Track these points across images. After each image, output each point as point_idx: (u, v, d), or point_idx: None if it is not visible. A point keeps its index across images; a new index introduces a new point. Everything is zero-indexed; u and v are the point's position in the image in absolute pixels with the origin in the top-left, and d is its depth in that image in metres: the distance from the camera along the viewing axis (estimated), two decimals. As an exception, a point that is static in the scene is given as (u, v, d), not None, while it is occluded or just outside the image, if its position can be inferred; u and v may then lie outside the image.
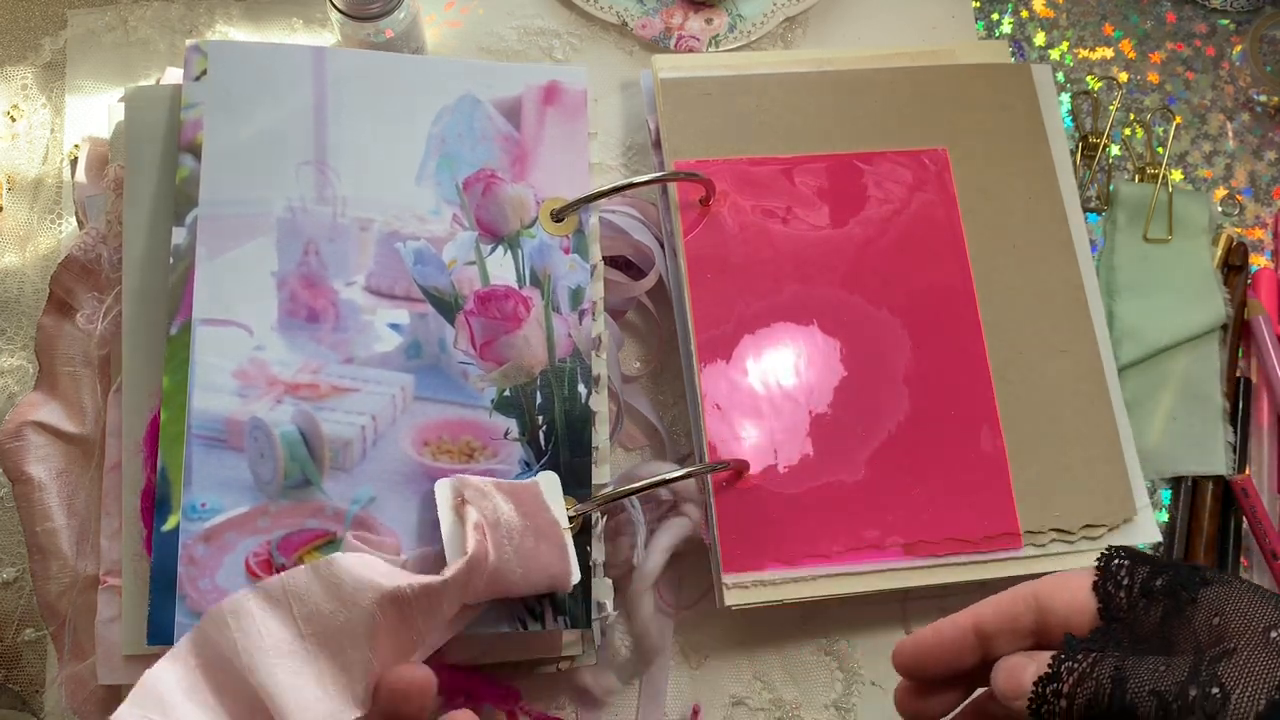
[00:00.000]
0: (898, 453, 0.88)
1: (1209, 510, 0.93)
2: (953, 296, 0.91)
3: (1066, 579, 0.68)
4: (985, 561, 0.87)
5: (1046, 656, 0.65)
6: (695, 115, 0.93)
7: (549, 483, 0.81)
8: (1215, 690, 0.61)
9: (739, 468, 0.85)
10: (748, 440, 0.86)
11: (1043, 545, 0.87)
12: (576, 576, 0.79)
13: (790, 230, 0.91)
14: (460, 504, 0.77)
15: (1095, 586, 0.67)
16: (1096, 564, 0.68)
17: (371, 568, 0.72)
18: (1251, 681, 0.61)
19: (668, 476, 0.83)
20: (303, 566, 0.72)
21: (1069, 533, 0.87)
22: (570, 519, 0.80)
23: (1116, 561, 0.68)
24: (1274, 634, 0.63)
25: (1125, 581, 0.67)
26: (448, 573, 0.72)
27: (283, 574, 0.72)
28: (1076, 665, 0.64)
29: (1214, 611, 0.64)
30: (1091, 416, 0.91)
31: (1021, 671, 0.66)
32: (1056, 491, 0.88)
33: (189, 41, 0.85)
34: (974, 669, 0.68)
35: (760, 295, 0.90)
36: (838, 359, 0.89)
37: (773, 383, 0.88)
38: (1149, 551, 0.70)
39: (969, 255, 0.92)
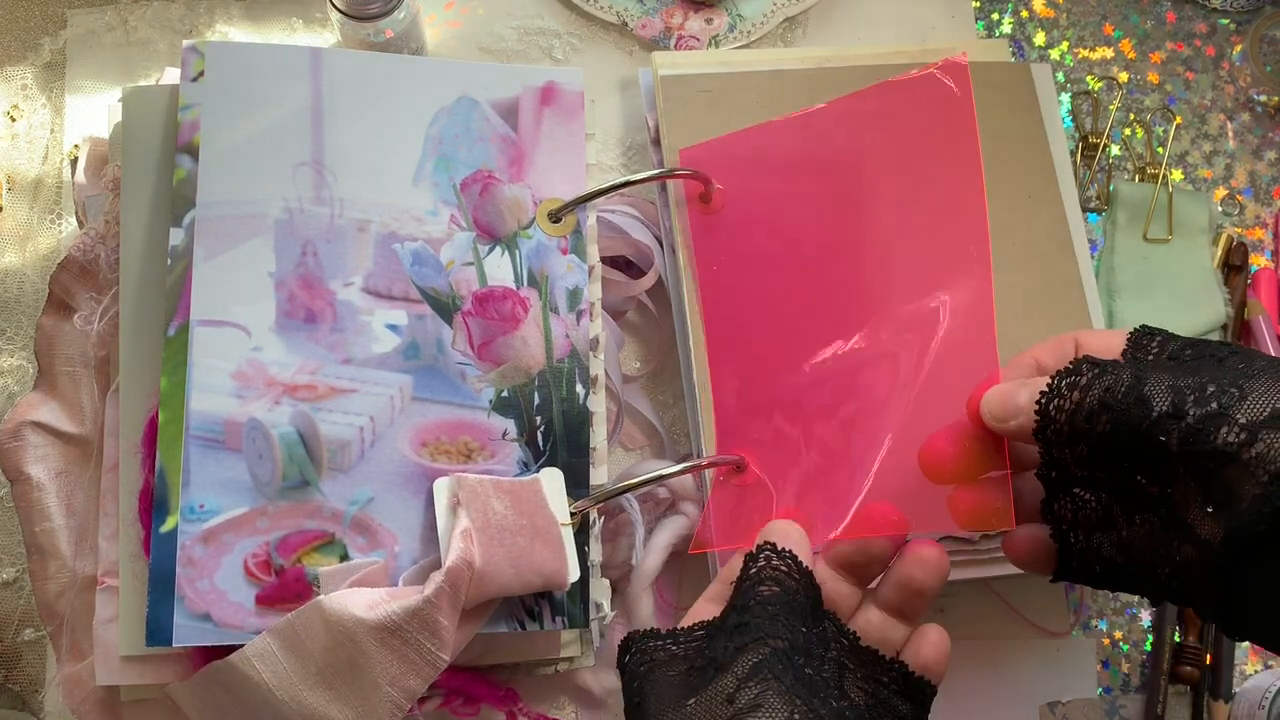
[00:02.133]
0: (904, 453, 0.88)
1: (1209, 510, 0.93)
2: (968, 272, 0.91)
3: (1105, 334, 0.71)
4: (986, 561, 0.87)
5: (1040, 381, 0.67)
6: (695, 113, 0.93)
7: (551, 479, 0.81)
8: (1234, 389, 0.61)
9: (737, 464, 0.85)
10: (746, 438, 0.86)
11: (1042, 545, 0.87)
12: (574, 575, 0.79)
13: (792, 218, 0.91)
14: (456, 504, 0.78)
15: (1124, 353, 0.68)
16: (1128, 335, 0.69)
17: (351, 603, 0.74)
18: (1270, 388, 0.61)
19: (664, 472, 0.83)
20: (305, 604, 0.75)
21: (1069, 532, 0.87)
22: (570, 517, 0.80)
23: (1148, 336, 0.69)
24: None
25: (1155, 350, 0.68)
26: (427, 590, 0.74)
27: (290, 614, 0.75)
28: (1095, 367, 0.65)
29: (1242, 362, 0.64)
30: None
31: (1014, 395, 0.68)
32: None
33: (186, 42, 0.85)
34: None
35: (764, 289, 0.89)
36: (844, 355, 0.89)
37: (774, 379, 0.88)
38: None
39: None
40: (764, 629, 0.64)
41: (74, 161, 0.94)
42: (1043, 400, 0.65)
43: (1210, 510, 0.62)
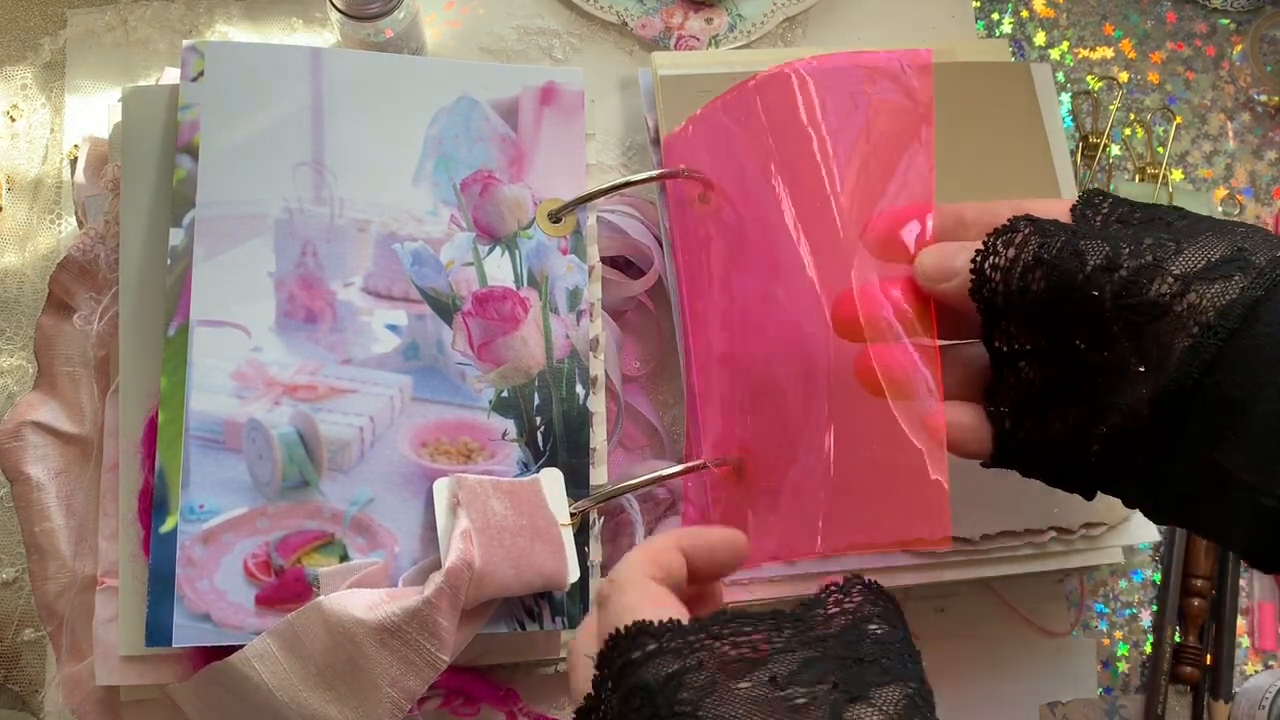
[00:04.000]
0: (899, 448, 0.88)
1: (1209, 510, 0.93)
2: None
3: (1049, 201, 0.69)
4: (986, 561, 0.87)
5: (979, 244, 0.66)
6: (694, 113, 0.93)
7: (551, 480, 0.81)
8: (1170, 243, 0.60)
9: (736, 464, 0.85)
10: (746, 437, 0.86)
11: (1042, 544, 0.87)
12: (574, 575, 0.79)
13: (769, 204, 0.91)
14: (456, 505, 0.78)
15: (1073, 209, 0.67)
16: (1078, 195, 0.68)
17: (350, 604, 0.74)
18: (1208, 242, 0.60)
19: (665, 473, 0.83)
20: (305, 605, 0.75)
21: (1069, 531, 0.87)
22: (570, 517, 0.80)
23: (1100, 197, 0.68)
24: (1240, 228, 0.62)
25: (1105, 210, 0.67)
26: (427, 591, 0.74)
27: (290, 615, 0.75)
28: (1032, 224, 0.64)
29: (1187, 224, 0.63)
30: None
31: (952, 256, 0.67)
32: (1056, 490, 0.88)
33: (186, 42, 0.85)
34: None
35: (758, 288, 0.89)
36: (838, 354, 0.89)
37: (772, 378, 0.88)
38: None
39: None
40: (897, 671, 0.58)
41: (73, 161, 0.94)
42: (978, 258, 0.65)
43: (1142, 369, 0.61)
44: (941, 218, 0.72)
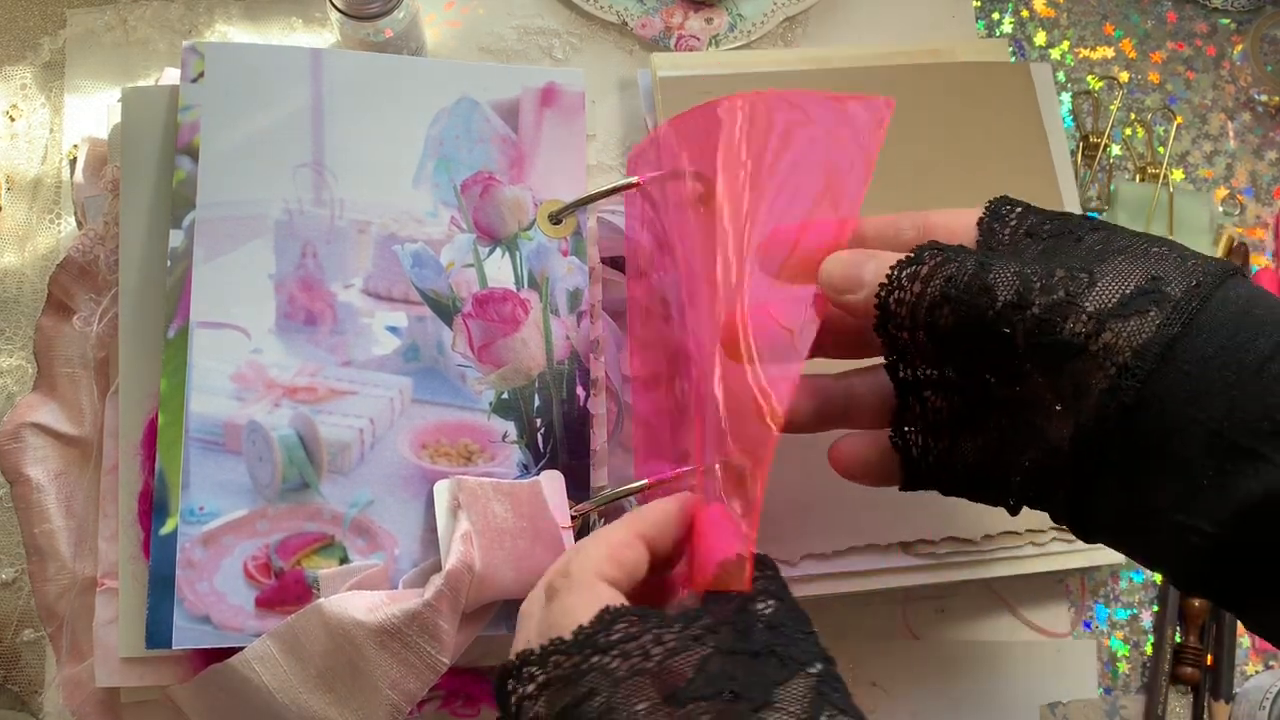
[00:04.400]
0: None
1: (1209, 510, 0.93)
2: None
3: (956, 212, 0.67)
4: (986, 561, 0.87)
5: (890, 256, 0.63)
6: None
7: (551, 482, 0.81)
8: (1083, 274, 0.58)
9: (739, 469, 0.85)
10: (745, 438, 0.86)
11: (1043, 544, 0.87)
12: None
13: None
14: (456, 507, 0.78)
15: (980, 222, 0.65)
16: (985, 206, 0.66)
17: (350, 606, 0.74)
18: (1121, 272, 0.58)
19: (665, 475, 0.83)
20: (305, 607, 0.75)
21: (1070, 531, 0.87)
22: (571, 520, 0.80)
23: (1007, 206, 0.66)
24: (1155, 248, 0.60)
25: (1013, 223, 0.65)
26: (427, 594, 0.74)
27: (290, 617, 0.75)
28: (940, 253, 0.61)
29: (1100, 242, 0.62)
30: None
31: (860, 265, 0.64)
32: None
33: (186, 43, 0.85)
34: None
35: (681, 306, 0.89)
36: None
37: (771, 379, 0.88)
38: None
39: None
40: (795, 656, 0.58)
41: (73, 162, 0.94)
42: (881, 294, 0.63)
43: (1060, 408, 0.60)
44: (840, 241, 0.69)
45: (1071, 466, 0.60)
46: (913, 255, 0.62)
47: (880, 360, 0.66)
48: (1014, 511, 0.67)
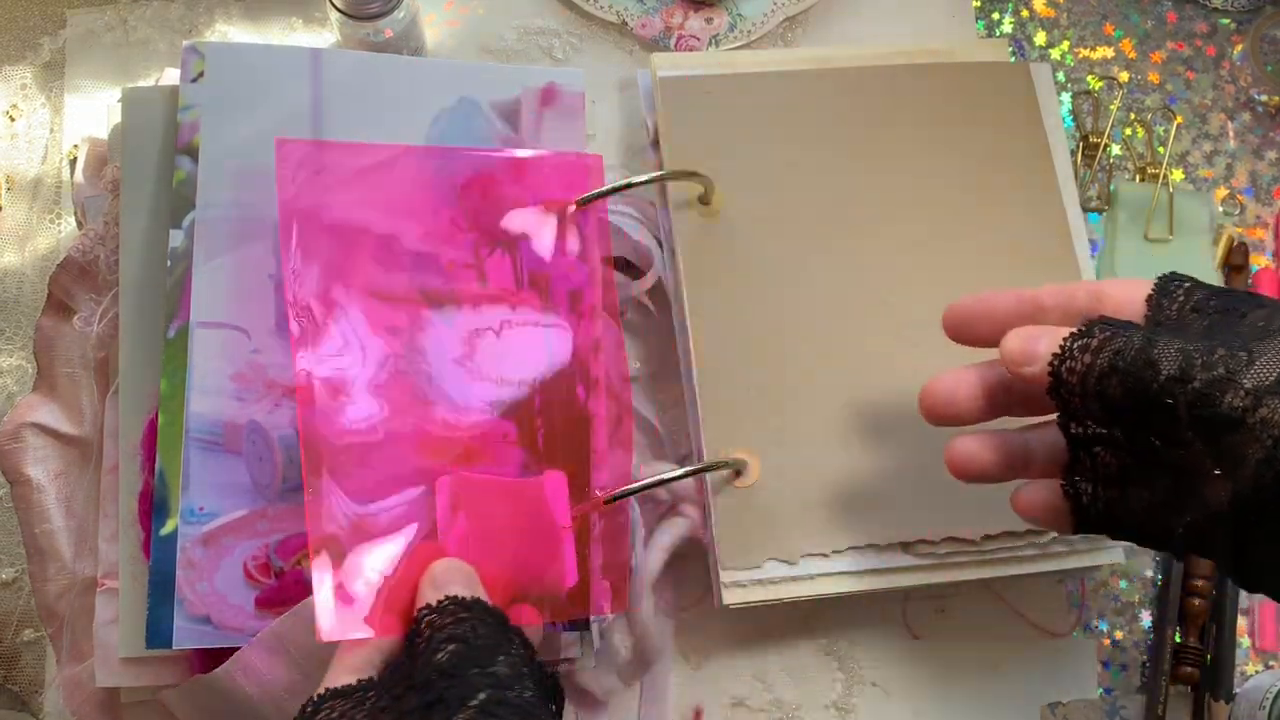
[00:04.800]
0: (898, 450, 0.88)
1: (1209, 510, 0.93)
2: None
3: (1127, 283, 0.70)
4: (986, 561, 0.87)
5: (1061, 331, 0.67)
6: (694, 114, 0.93)
7: (553, 483, 0.81)
8: (1242, 353, 0.61)
9: (737, 466, 0.85)
10: (745, 438, 0.86)
11: (1042, 544, 0.87)
12: (572, 579, 0.79)
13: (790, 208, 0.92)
14: (456, 507, 0.78)
15: (1149, 298, 0.68)
16: (1155, 281, 0.69)
17: None
18: (1278, 349, 0.61)
19: (666, 476, 0.83)
20: (288, 611, 0.75)
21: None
22: (582, 515, 0.80)
23: (1175, 282, 0.69)
24: None
25: (1180, 298, 0.68)
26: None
27: (273, 622, 0.75)
28: (1110, 329, 0.65)
29: (1263, 319, 0.64)
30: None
31: (1036, 340, 0.68)
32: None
33: (186, 43, 0.85)
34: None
35: (762, 291, 0.89)
36: (843, 357, 0.89)
37: (772, 380, 0.88)
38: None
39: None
40: (458, 694, 0.62)
41: (73, 162, 0.94)
42: (1055, 362, 0.66)
43: (1218, 474, 0.63)
44: (1020, 303, 0.73)
45: (1231, 528, 0.63)
46: (1084, 329, 0.66)
47: (1054, 416, 0.69)
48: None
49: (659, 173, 0.88)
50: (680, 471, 0.83)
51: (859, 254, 0.91)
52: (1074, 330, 0.66)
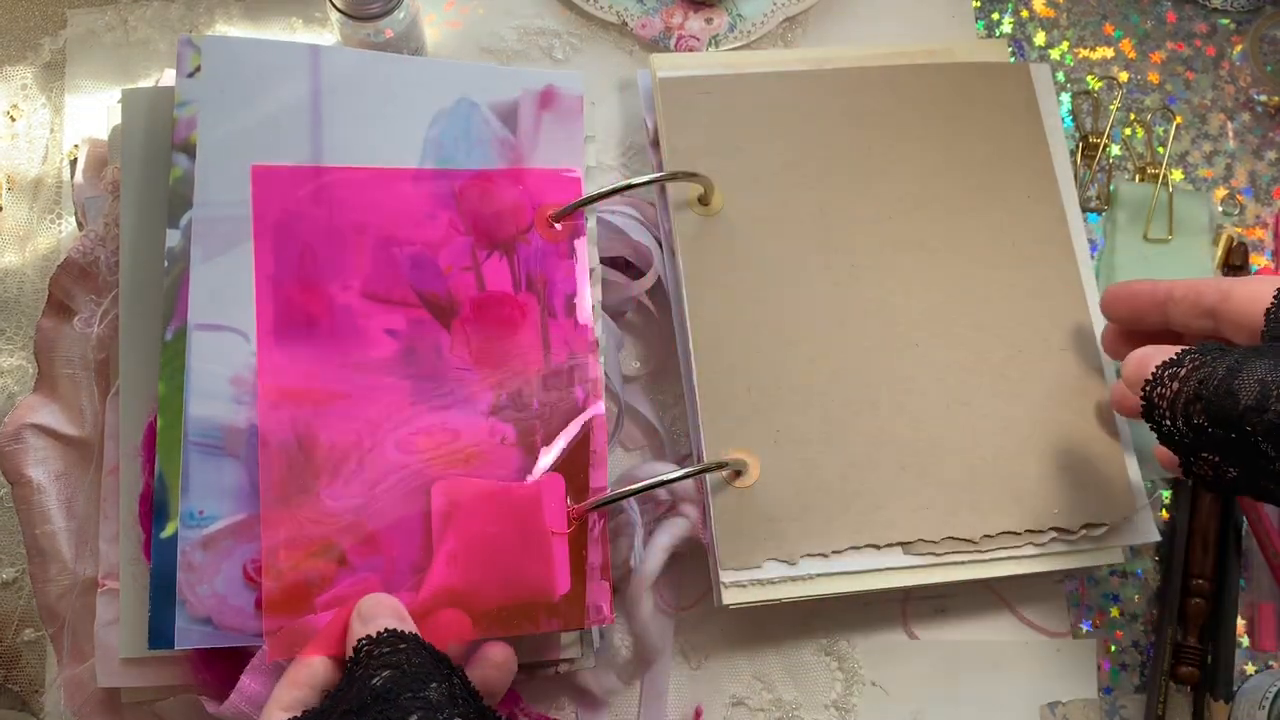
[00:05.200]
0: (898, 449, 0.88)
1: (1209, 510, 0.93)
2: None
3: (1253, 285, 0.75)
4: (986, 561, 0.87)
5: (1168, 351, 0.74)
6: (694, 115, 0.93)
7: (550, 486, 0.81)
8: None
9: (737, 467, 0.85)
10: (745, 439, 0.86)
11: (1042, 544, 0.87)
12: (564, 587, 0.79)
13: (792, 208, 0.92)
14: (452, 512, 0.78)
15: (1268, 311, 0.73)
16: (1275, 292, 0.74)
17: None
18: None
19: (666, 477, 0.83)
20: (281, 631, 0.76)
21: (1070, 531, 0.87)
22: (569, 522, 0.80)
23: None
24: None
25: None
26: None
27: (260, 649, 0.77)
28: (1199, 358, 0.71)
29: None
30: (1091, 415, 0.91)
31: (1148, 359, 0.74)
32: (1056, 490, 0.88)
33: (182, 36, 0.84)
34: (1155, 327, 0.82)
35: (761, 291, 0.89)
36: (843, 357, 0.89)
37: (772, 380, 0.88)
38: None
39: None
40: (389, 713, 0.65)
41: (73, 162, 0.94)
42: (1146, 388, 0.73)
43: None
44: (1155, 290, 0.81)
45: None
46: (1175, 358, 0.72)
47: None
48: None
49: (658, 174, 0.88)
50: (680, 473, 0.83)
51: (858, 253, 0.91)
52: (1165, 360, 0.72)
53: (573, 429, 0.83)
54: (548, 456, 0.83)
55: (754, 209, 0.91)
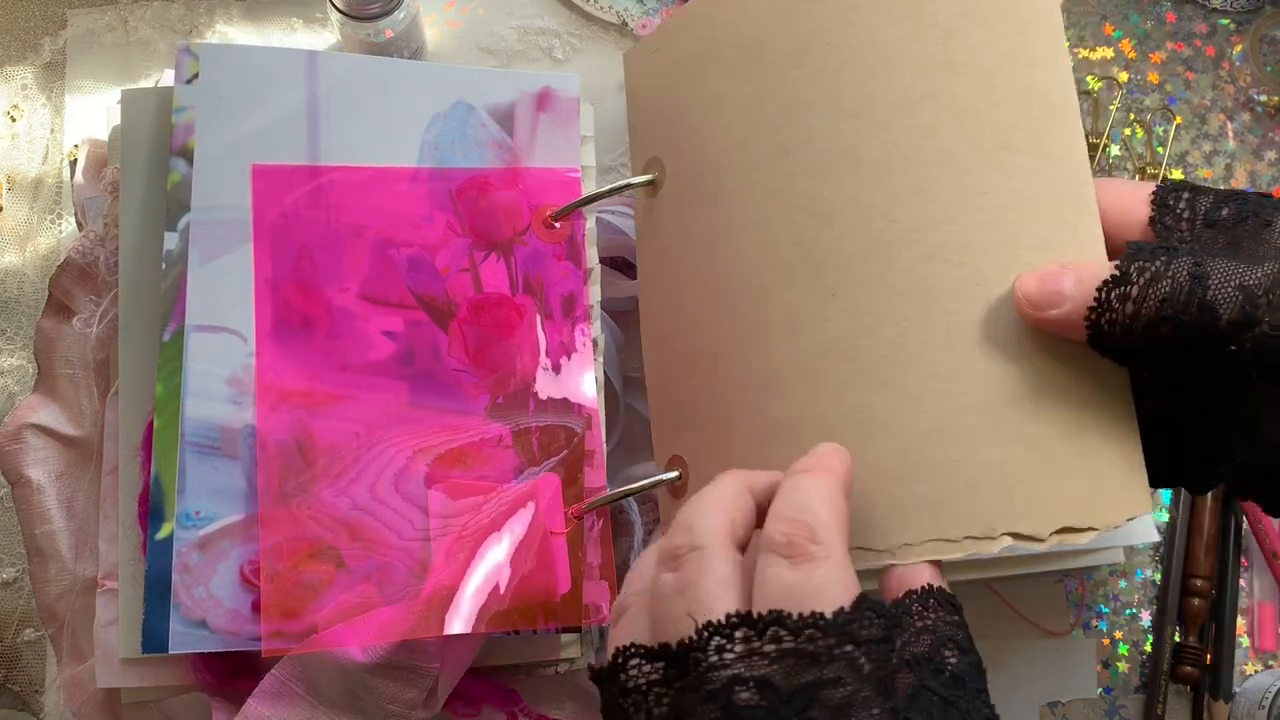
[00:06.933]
0: (898, 449, 0.88)
1: (1209, 510, 0.93)
2: None
3: (1125, 197, 0.65)
4: (986, 561, 0.87)
5: (1088, 264, 0.62)
6: (652, 97, 0.87)
7: (548, 487, 0.81)
8: None
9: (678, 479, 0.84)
10: (689, 443, 0.86)
11: (1042, 545, 0.87)
12: (565, 587, 0.79)
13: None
14: (451, 514, 0.78)
15: (1151, 220, 0.63)
16: (1151, 197, 0.64)
17: (349, 649, 0.75)
18: None
19: (665, 477, 0.83)
20: (286, 656, 0.76)
21: (1076, 530, 0.87)
22: (566, 523, 0.80)
23: (1174, 195, 0.64)
24: None
25: (1186, 214, 0.63)
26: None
27: (273, 669, 0.76)
28: (1148, 264, 0.59)
29: None
30: (1092, 415, 0.90)
31: (1058, 279, 0.63)
32: (1057, 490, 0.88)
33: (180, 43, 0.84)
34: None
35: (708, 269, 0.85)
36: (815, 354, 0.88)
37: (738, 378, 0.86)
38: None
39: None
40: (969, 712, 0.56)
41: (73, 162, 0.94)
42: (1092, 315, 0.61)
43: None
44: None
45: None
46: (1118, 274, 0.60)
47: None
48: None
49: (655, 174, 0.86)
50: (679, 472, 0.83)
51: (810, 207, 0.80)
52: (1107, 278, 0.60)
53: (571, 430, 0.84)
54: (545, 457, 0.83)
55: (699, 177, 0.83)
